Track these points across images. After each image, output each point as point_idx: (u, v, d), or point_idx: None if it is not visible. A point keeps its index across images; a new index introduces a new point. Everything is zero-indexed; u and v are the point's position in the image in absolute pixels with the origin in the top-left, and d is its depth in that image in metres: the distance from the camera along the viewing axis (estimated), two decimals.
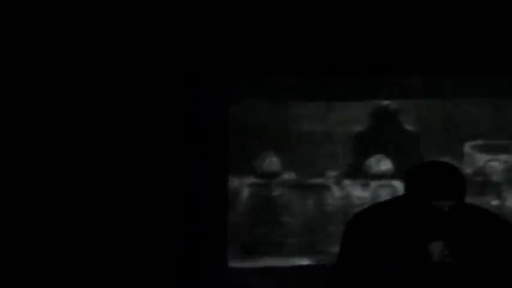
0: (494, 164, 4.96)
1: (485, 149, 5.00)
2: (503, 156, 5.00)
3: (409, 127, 5.07)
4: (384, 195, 4.86)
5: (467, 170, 4.87)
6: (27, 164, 4.46)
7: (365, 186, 4.99)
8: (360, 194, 4.97)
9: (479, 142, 5.04)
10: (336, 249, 4.77)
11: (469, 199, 2.49)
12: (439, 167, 2.41)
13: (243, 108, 4.95)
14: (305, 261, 4.91)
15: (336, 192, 5.00)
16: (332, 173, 5.02)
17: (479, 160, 5.01)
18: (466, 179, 2.43)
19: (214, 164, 4.66)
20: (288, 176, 5.03)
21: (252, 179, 5.01)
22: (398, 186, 4.92)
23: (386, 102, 5.10)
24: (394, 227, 2.35)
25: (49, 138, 4.48)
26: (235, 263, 4.81)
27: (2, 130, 4.42)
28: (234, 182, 4.91)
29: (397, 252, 2.31)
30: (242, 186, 4.95)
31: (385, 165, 4.99)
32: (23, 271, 4.37)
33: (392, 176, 4.99)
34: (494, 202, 4.91)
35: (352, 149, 5.07)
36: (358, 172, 5.05)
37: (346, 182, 4.99)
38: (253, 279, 4.76)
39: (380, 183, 4.97)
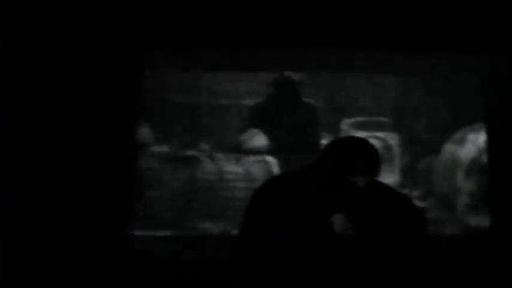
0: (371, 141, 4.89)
1: (362, 126, 4.92)
2: (380, 134, 4.92)
3: (308, 100, 4.95)
4: (257, 171, 4.75)
5: None
6: None
7: (238, 161, 4.85)
8: (232, 169, 4.83)
9: (357, 119, 4.96)
10: (205, 224, 4.75)
11: None
12: (359, 144, 2.42)
13: None
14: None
15: (208, 166, 4.85)
16: (205, 146, 4.86)
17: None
18: (381, 156, 2.45)
19: (122, 133, 4.55)
20: (159, 148, 4.86)
21: None
22: (273, 162, 4.81)
23: (286, 74, 4.95)
24: (300, 198, 2.35)
25: None
26: (138, 232, 4.65)
27: None
28: None
29: (300, 222, 2.32)
30: None
31: (260, 140, 4.86)
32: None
33: (266, 152, 4.86)
34: None
35: (248, 120, 4.92)
36: (240, 146, 4.92)
37: (219, 155, 4.84)
38: (155, 247, 4.63)
39: (254, 159, 4.84)
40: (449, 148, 4.93)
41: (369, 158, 2.36)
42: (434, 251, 2.46)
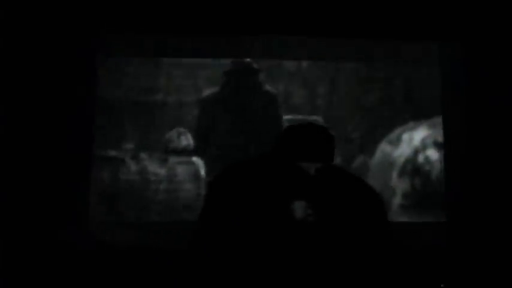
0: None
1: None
2: None
3: (268, 88, 4.73)
4: (182, 172, 4.50)
5: None
6: None
7: (163, 162, 4.59)
8: (156, 170, 4.57)
9: (288, 117, 4.78)
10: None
11: None
12: (309, 130, 2.39)
13: None
14: None
15: (132, 166, 4.57)
16: (128, 146, 4.59)
17: None
18: (334, 142, 2.42)
19: (80, 123, 4.39)
20: None
21: None
22: (199, 163, 4.58)
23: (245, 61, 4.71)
24: (259, 185, 2.34)
25: None
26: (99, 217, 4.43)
27: None
28: None
29: (261, 210, 2.30)
30: None
31: (186, 140, 4.61)
32: None
33: (191, 152, 4.62)
34: None
35: (201, 114, 4.63)
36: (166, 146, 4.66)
37: (143, 155, 4.57)
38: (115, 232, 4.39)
39: (179, 160, 4.59)
40: (383, 148, 4.81)
41: (314, 145, 2.33)
42: (391, 239, 2.43)
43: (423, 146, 4.84)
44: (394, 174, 4.78)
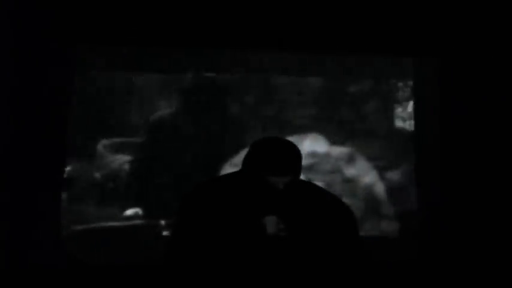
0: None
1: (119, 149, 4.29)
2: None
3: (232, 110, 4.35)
4: None
5: (97, 174, 4.11)
6: None
7: None
8: None
9: (114, 140, 4.32)
10: None
11: None
12: (275, 144, 2.41)
13: None
14: None
15: None
16: None
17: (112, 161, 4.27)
18: (301, 156, 2.42)
19: (52, 136, 4.04)
20: None
21: None
22: None
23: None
24: (230, 202, 2.39)
25: None
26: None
27: None
28: None
29: (232, 225, 2.35)
30: None
31: None
32: None
33: None
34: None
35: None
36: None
37: None
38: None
39: None
40: (227, 171, 4.45)
41: (282, 159, 2.34)
42: (363, 251, 2.48)
43: None
44: None
